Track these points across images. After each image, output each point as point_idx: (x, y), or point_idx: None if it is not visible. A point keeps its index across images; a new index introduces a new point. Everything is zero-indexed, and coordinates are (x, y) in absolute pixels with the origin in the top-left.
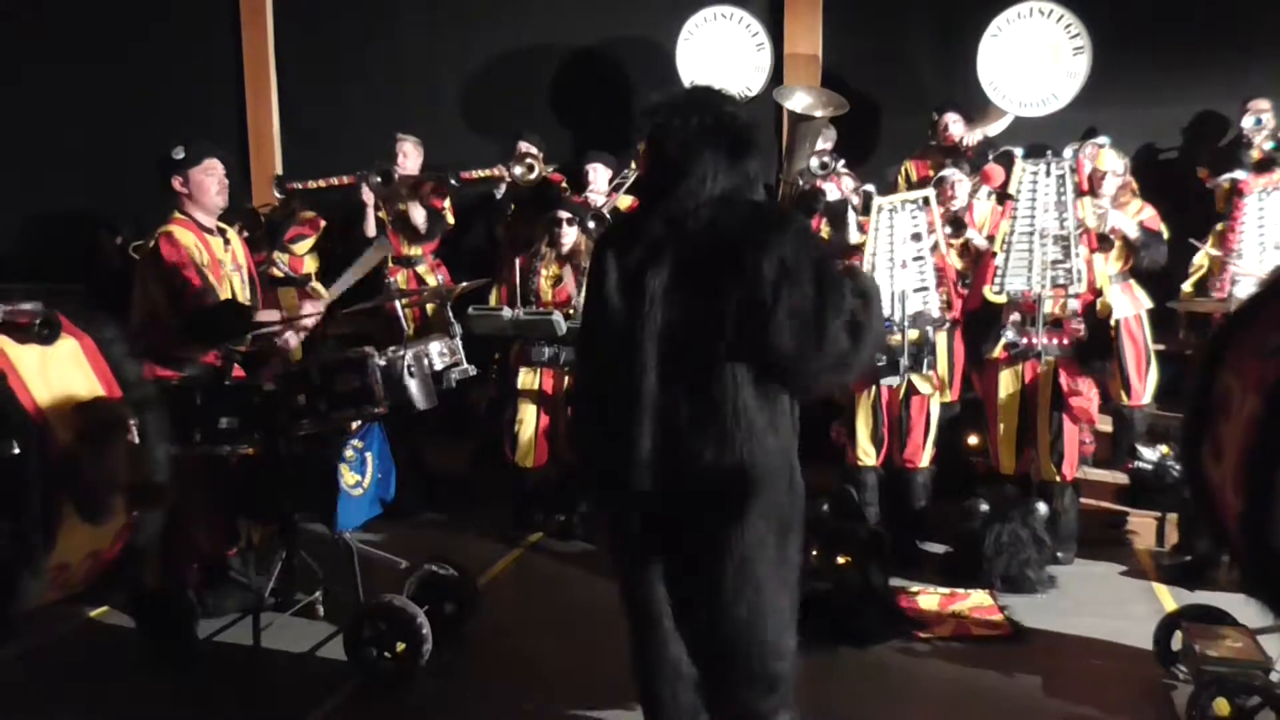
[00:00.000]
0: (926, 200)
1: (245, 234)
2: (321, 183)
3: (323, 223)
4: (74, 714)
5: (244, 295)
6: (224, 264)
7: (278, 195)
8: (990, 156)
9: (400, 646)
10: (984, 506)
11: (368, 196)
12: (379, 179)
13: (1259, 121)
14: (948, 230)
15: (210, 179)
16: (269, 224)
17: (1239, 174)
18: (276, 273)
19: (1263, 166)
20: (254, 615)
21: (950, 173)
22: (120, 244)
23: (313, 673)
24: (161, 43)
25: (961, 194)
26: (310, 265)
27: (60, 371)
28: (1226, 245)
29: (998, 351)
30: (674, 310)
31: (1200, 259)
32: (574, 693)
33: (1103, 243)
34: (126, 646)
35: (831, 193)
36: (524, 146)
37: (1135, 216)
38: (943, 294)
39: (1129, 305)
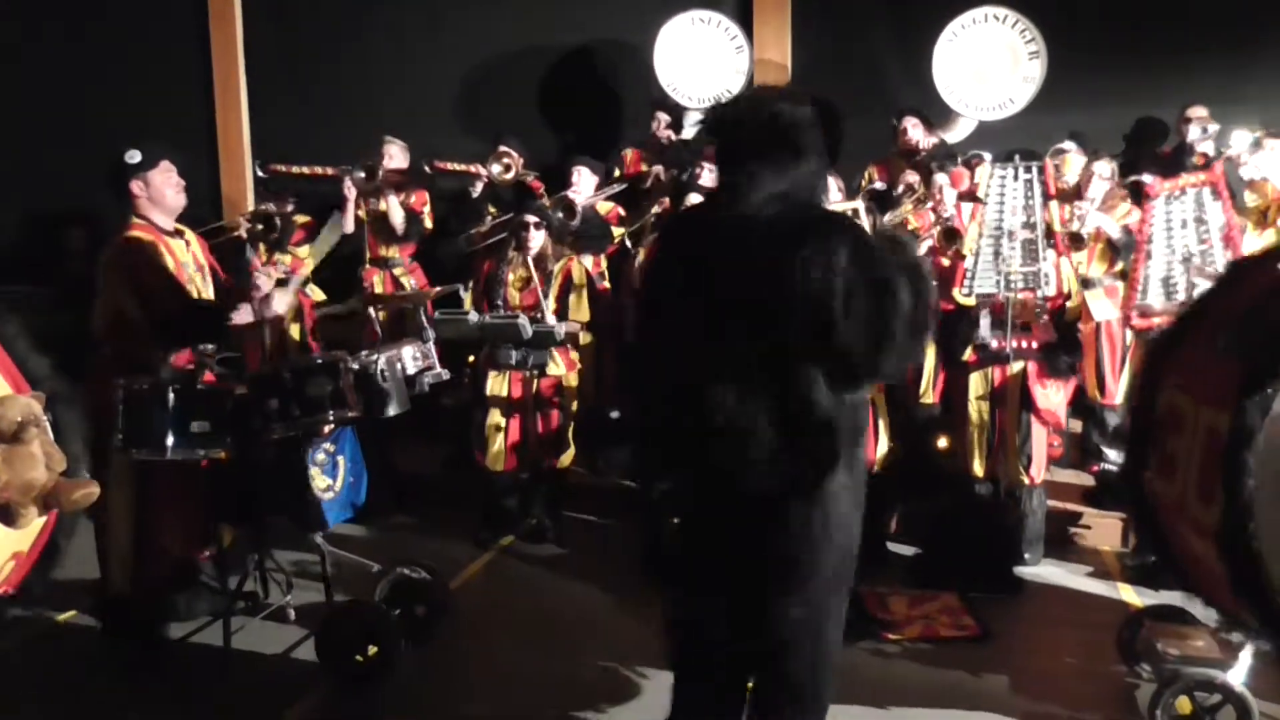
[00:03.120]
0: (855, 211)
1: (264, 235)
2: (305, 169)
3: (313, 222)
4: (42, 718)
5: (208, 294)
6: (186, 266)
7: (261, 175)
8: (958, 160)
9: (372, 649)
10: (952, 509)
11: (349, 191)
12: (362, 174)
13: (1205, 130)
14: (935, 236)
15: (168, 181)
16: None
17: (1145, 177)
18: (279, 275)
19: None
20: (225, 618)
21: (939, 177)
22: (81, 244)
23: (285, 675)
24: (128, 44)
25: (950, 198)
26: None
27: None
28: (1137, 250)
29: (967, 354)
30: (739, 314)
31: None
32: (546, 696)
33: (1075, 242)
34: (94, 650)
35: None
36: (503, 148)
37: (1122, 220)
38: None
39: (1111, 308)
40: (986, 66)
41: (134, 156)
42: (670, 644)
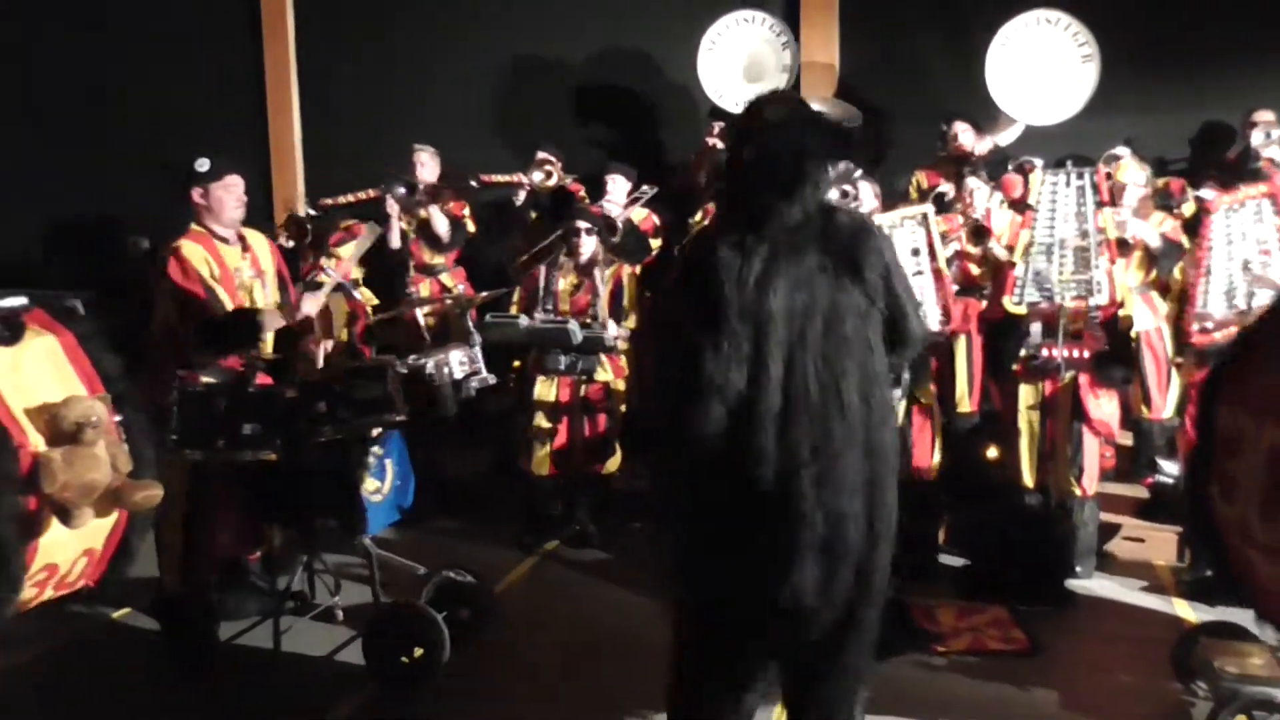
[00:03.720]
0: (925, 216)
1: (291, 242)
2: (350, 198)
3: (364, 227)
4: (96, 714)
5: (267, 299)
6: (240, 271)
7: (312, 213)
8: (1009, 166)
9: (418, 651)
10: (1002, 520)
11: (391, 208)
12: (403, 190)
13: (1269, 135)
14: (962, 238)
15: (230, 195)
16: (315, 232)
17: (1204, 193)
18: (324, 278)
19: (1239, 179)
20: (274, 618)
21: (972, 182)
22: (148, 250)
23: (331, 676)
24: (188, 56)
25: (980, 203)
26: (357, 271)
27: (35, 371)
28: (1197, 265)
29: (1017, 363)
30: (794, 322)
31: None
32: (589, 701)
33: (1121, 248)
34: (149, 648)
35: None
36: (542, 154)
37: (1158, 228)
38: (941, 308)
39: (1150, 317)
40: (1039, 70)
41: (203, 165)
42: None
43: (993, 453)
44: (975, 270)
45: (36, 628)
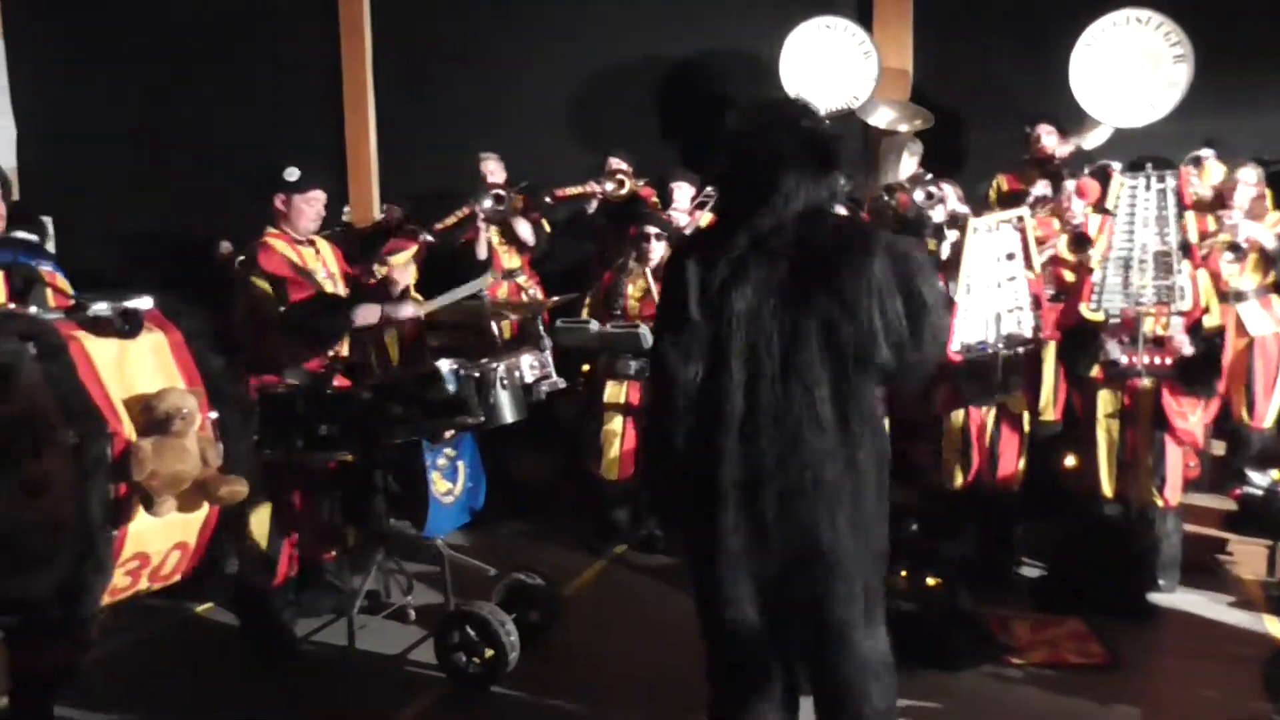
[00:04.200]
0: (1021, 219)
1: (378, 231)
2: (452, 220)
3: (424, 236)
4: (177, 705)
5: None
6: (314, 273)
7: (430, 239)
8: (1085, 170)
9: (488, 653)
10: (1081, 530)
11: (481, 224)
12: (490, 201)
13: None
14: (1060, 244)
15: (310, 208)
16: (363, 239)
17: None
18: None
19: None
20: (349, 617)
21: (1068, 184)
22: (229, 254)
23: (403, 675)
24: (267, 64)
25: (1079, 208)
26: (409, 277)
27: (139, 365)
28: None
29: (1096, 370)
30: (759, 327)
31: None
32: (655, 706)
33: (1235, 251)
34: (229, 642)
35: (938, 215)
36: (614, 163)
37: (1273, 229)
38: (1035, 314)
39: (1268, 322)
40: (1127, 71)
41: (292, 174)
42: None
43: (1070, 461)
44: (1070, 277)
45: (122, 620)
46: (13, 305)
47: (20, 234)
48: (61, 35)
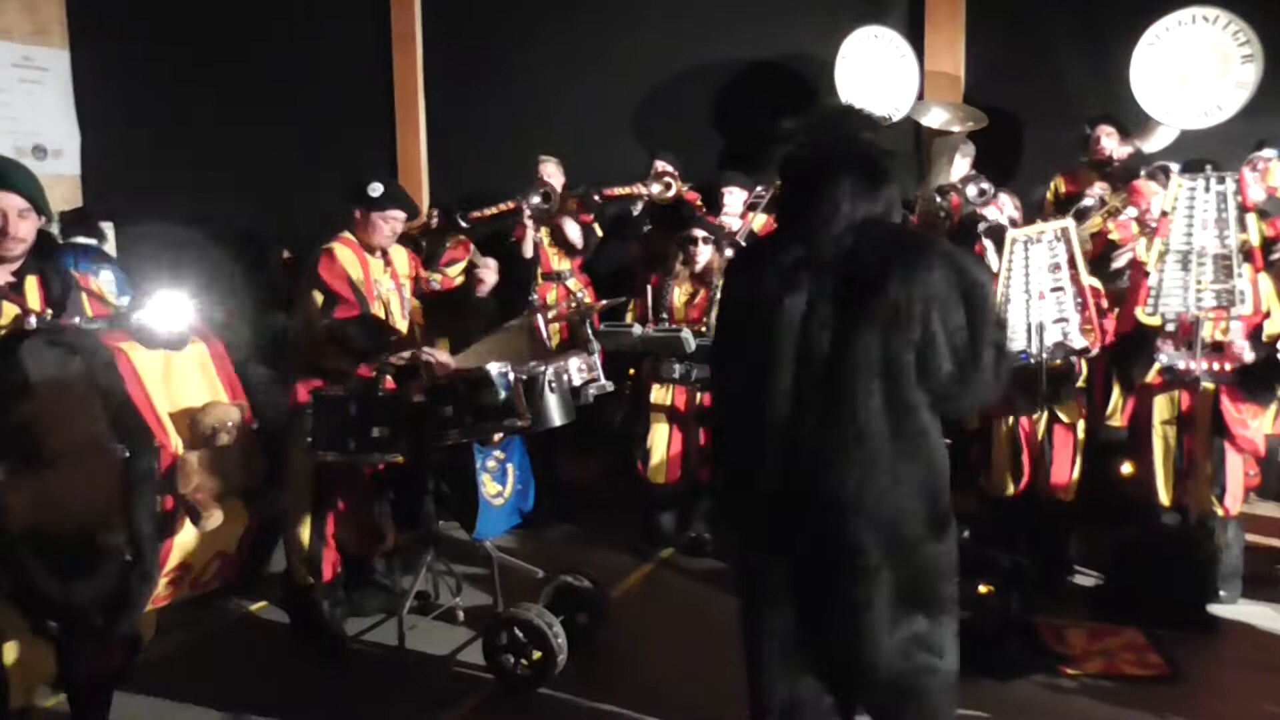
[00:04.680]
0: (1065, 230)
1: (430, 235)
2: (491, 210)
3: (470, 244)
4: (229, 703)
5: (404, 310)
6: (380, 283)
7: (464, 224)
8: (1142, 172)
9: (536, 654)
10: (1138, 539)
11: (528, 221)
12: (539, 200)
13: None
14: (1138, 249)
15: (386, 225)
16: (427, 250)
17: None
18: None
19: None
20: (399, 617)
21: (1149, 187)
22: (285, 261)
23: (452, 675)
24: (321, 71)
25: (1156, 209)
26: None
27: (184, 377)
28: None
29: (1152, 376)
30: (812, 338)
31: None
32: (704, 709)
33: None
34: (282, 640)
35: (991, 214)
36: (660, 165)
37: None
38: (1088, 323)
39: None
40: (1191, 71)
41: (375, 190)
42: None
43: (1126, 468)
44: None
45: (178, 619)
46: (49, 313)
47: (80, 239)
48: (124, 47)
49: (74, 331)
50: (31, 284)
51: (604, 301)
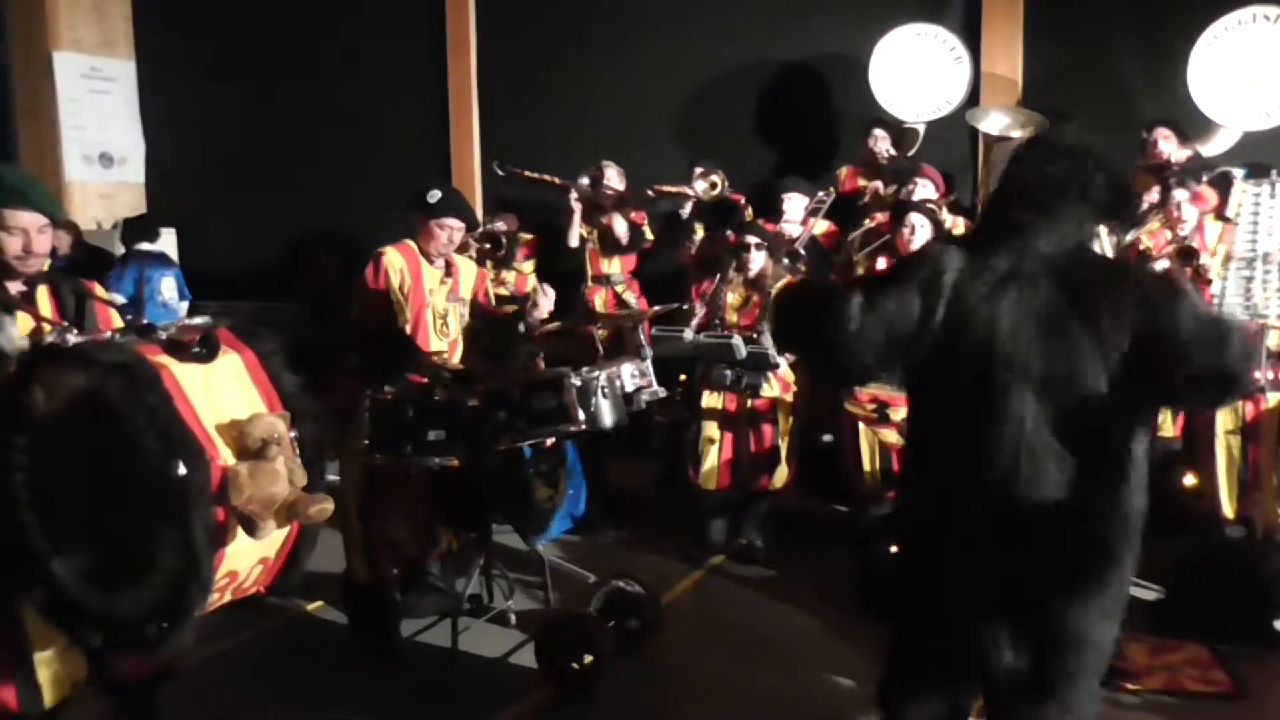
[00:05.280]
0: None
1: (492, 253)
2: (535, 175)
3: (535, 242)
4: (284, 702)
5: (455, 325)
6: (432, 292)
7: (500, 173)
8: (1204, 176)
9: (587, 658)
10: (1201, 552)
11: (575, 204)
12: (586, 181)
13: None
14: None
15: (442, 233)
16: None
17: None
18: (503, 291)
19: None
20: (453, 619)
21: (1179, 194)
22: (336, 266)
23: (505, 677)
24: (377, 78)
25: (1190, 217)
26: (531, 283)
27: (222, 388)
28: None
29: None
30: (1011, 352)
31: None
32: (754, 716)
33: None
34: (337, 640)
35: None
36: (699, 170)
37: None
38: None
39: None
40: (1253, 72)
41: (433, 196)
42: (892, 670)
43: (1188, 480)
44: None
45: (236, 619)
46: (64, 324)
47: (144, 245)
48: (186, 58)
49: (117, 348)
50: (43, 293)
51: (657, 307)
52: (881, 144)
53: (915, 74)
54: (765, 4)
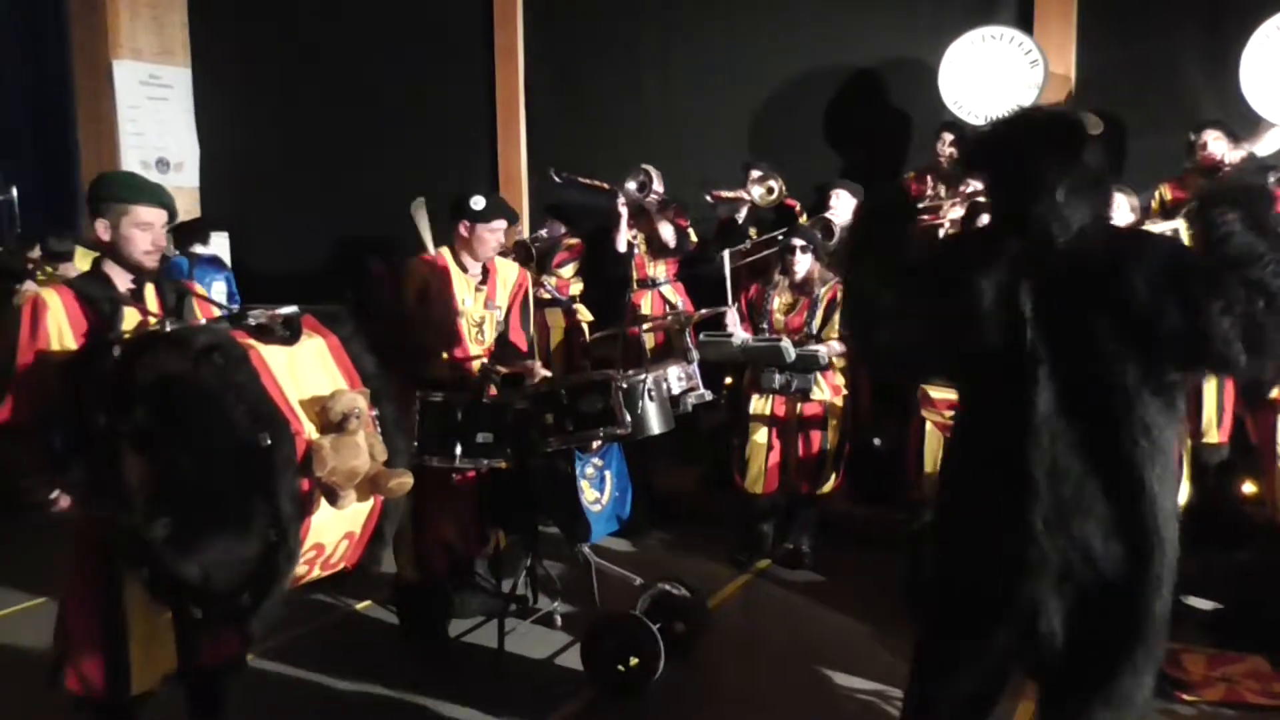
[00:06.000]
0: (1175, 233)
1: (523, 263)
2: (587, 180)
3: (581, 247)
4: (333, 700)
5: (489, 333)
6: (464, 300)
7: (556, 180)
8: (1273, 178)
9: (633, 661)
10: (1261, 562)
11: (622, 208)
12: (633, 185)
13: None
14: None
15: (492, 237)
16: (539, 253)
17: None
18: (544, 295)
19: None
20: (500, 620)
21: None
22: (386, 270)
23: (551, 678)
24: (426, 86)
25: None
26: (575, 288)
27: (306, 368)
28: None
29: (1276, 391)
30: (1034, 336)
31: None
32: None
33: None
34: (386, 639)
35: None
36: (755, 175)
37: None
38: None
39: None
40: None
41: (477, 203)
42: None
43: (1248, 488)
44: None
45: (289, 615)
46: (167, 319)
47: (197, 248)
48: (241, 66)
49: (210, 332)
50: (149, 291)
51: (704, 310)
52: (948, 148)
53: (985, 76)
54: (817, 10)
